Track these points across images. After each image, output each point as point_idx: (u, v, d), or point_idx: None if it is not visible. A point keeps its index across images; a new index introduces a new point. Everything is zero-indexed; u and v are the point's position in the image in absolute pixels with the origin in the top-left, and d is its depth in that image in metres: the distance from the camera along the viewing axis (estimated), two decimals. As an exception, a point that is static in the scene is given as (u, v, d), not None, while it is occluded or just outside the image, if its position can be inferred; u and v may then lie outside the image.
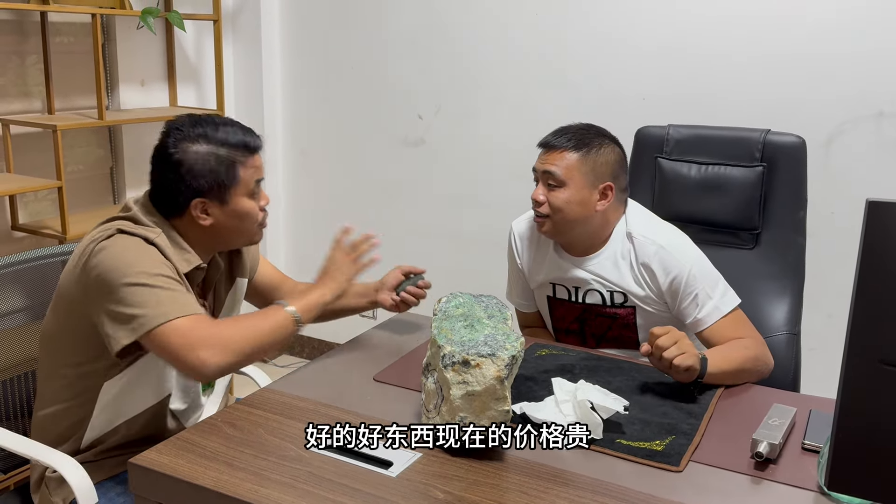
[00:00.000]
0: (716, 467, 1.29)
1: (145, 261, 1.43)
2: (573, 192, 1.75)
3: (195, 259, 1.54)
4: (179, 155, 1.50)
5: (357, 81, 3.27)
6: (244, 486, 1.19)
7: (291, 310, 1.53)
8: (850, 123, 2.47)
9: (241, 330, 1.46)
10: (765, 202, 2.01)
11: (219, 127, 1.53)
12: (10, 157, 2.59)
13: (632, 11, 2.71)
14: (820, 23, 2.46)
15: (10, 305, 1.71)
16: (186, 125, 1.52)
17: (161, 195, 1.55)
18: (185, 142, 1.51)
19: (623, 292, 1.82)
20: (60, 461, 1.48)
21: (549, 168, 1.77)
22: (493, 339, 1.30)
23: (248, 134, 1.57)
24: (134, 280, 1.40)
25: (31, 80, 2.70)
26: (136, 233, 1.47)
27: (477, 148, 3.07)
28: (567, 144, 1.77)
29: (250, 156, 1.56)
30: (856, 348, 0.96)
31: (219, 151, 1.52)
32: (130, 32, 2.96)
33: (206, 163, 1.50)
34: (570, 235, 1.82)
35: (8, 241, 2.69)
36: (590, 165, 1.76)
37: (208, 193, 1.52)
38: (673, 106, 2.66)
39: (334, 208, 3.46)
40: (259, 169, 1.59)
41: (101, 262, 1.43)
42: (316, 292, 1.61)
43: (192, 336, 1.39)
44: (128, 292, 1.40)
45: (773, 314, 1.98)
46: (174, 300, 1.41)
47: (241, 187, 1.55)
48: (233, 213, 1.55)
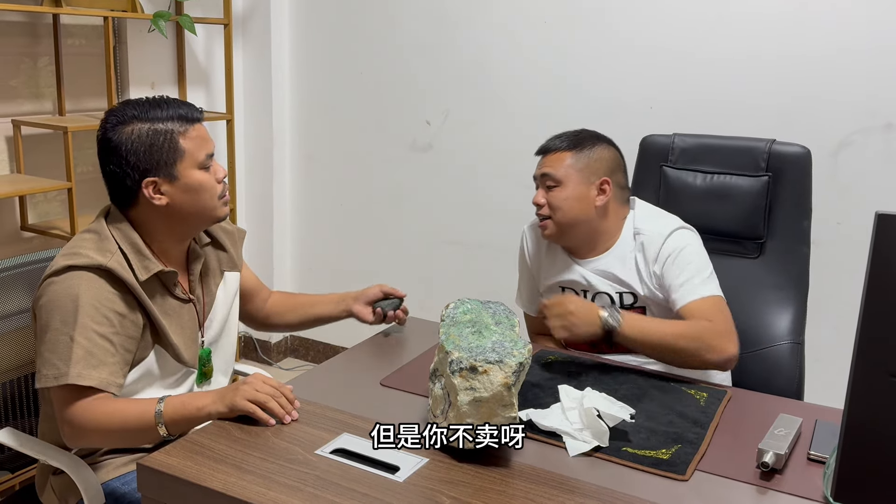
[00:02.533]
0: (722, 477, 1.29)
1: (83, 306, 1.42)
2: (571, 190, 1.80)
3: (154, 265, 1.52)
4: (117, 139, 1.49)
5: (365, 87, 3.28)
6: (252, 489, 1.20)
7: (159, 409, 1.41)
8: (859, 134, 2.48)
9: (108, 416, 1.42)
10: (770, 212, 2.01)
11: (151, 104, 1.52)
12: (20, 158, 2.61)
13: (640, 18, 2.72)
14: (829, 34, 2.46)
15: (18, 305, 1.72)
16: (119, 109, 1.52)
17: (113, 187, 1.54)
18: (120, 125, 1.50)
19: (632, 293, 1.83)
20: (68, 461, 1.49)
21: (545, 170, 1.83)
22: (501, 346, 1.31)
23: (182, 106, 1.54)
24: (63, 329, 1.42)
25: (42, 81, 2.72)
26: (88, 264, 1.45)
27: (484, 154, 3.08)
28: (561, 145, 1.84)
29: (189, 125, 1.53)
30: (864, 360, 0.97)
31: (155, 126, 1.49)
32: (142, 35, 2.98)
33: (144, 140, 1.49)
34: (574, 236, 1.85)
35: (17, 242, 2.70)
36: (584, 162, 1.82)
37: (155, 171, 1.50)
38: (681, 114, 2.67)
39: (341, 213, 3.47)
40: (205, 140, 1.55)
41: (45, 303, 1.45)
42: (200, 400, 1.42)
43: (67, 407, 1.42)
44: (52, 341, 1.43)
45: (778, 323, 1.98)
46: (86, 363, 1.41)
47: (188, 159, 1.52)
48: (185, 187, 1.52)
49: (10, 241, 2.68)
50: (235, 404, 1.38)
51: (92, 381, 1.41)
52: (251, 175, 3.51)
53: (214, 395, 1.42)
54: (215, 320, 1.69)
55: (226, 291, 1.73)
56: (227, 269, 1.73)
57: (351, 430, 1.38)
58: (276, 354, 3.67)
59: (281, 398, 1.41)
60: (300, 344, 3.71)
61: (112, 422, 1.42)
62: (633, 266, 1.83)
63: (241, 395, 1.39)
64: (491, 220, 3.09)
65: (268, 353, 3.66)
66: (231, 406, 1.39)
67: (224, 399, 1.40)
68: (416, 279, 3.25)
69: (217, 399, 1.41)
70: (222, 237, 1.73)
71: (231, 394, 1.40)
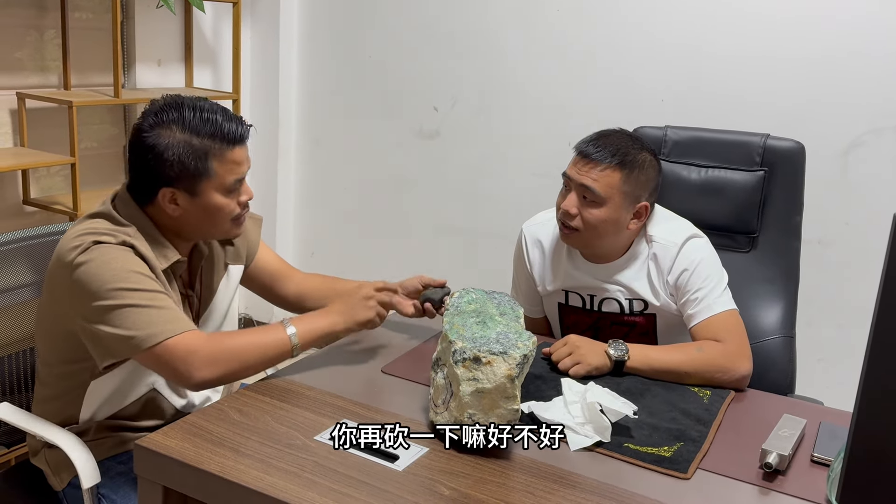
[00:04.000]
0: (724, 476, 1.28)
1: (125, 275, 1.38)
2: (610, 212, 1.69)
3: (173, 254, 1.49)
4: (152, 140, 1.42)
5: (374, 71, 3.25)
6: (250, 473, 1.19)
7: (292, 331, 1.47)
8: (870, 135, 2.45)
9: (236, 345, 1.43)
10: (763, 206, 2.01)
11: (197, 112, 1.43)
12: (24, 131, 2.59)
13: (654, 10, 2.68)
14: (841, 36, 2.43)
15: (18, 280, 1.71)
16: (164, 108, 1.44)
17: (135, 180, 1.49)
18: (160, 126, 1.43)
19: (643, 299, 1.79)
20: (64, 439, 1.47)
21: (588, 183, 1.68)
22: (506, 337, 1.29)
23: (229, 122, 1.45)
24: (119, 301, 1.36)
25: (48, 54, 2.69)
26: (111, 240, 1.41)
27: (492, 142, 3.06)
28: (611, 161, 1.67)
29: (228, 148, 1.45)
30: (876, 364, 0.95)
31: (192, 140, 1.42)
32: (150, 11, 2.95)
33: (176, 151, 1.42)
34: (595, 247, 1.78)
35: (19, 216, 2.69)
36: (631, 185, 1.69)
37: (177, 183, 1.44)
38: (690, 109, 2.64)
39: (346, 198, 3.45)
40: (239, 165, 1.47)
41: (82, 281, 1.38)
42: (325, 320, 1.52)
43: (183, 353, 1.37)
44: (115, 315, 1.36)
45: (769, 317, 1.99)
46: (163, 319, 1.38)
47: (215, 181, 1.45)
48: (202, 207, 1.47)
49: (12, 214, 2.67)
50: (360, 320, 1.55)
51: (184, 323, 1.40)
52: (255, 157, 3.44)
53: (338, 313, 1.53)
54: (214, 314, 1.66)
55: (228, 285, 1.69)
56: (231, 263, 1.70)
57: (351, 417, 1.37)
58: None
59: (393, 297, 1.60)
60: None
61: (248, 352, 1.43)
62: (644, 275, 1.78)
63: (361, 320, 1.55)
64: (497, 210, 3.07)
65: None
66: (358, 323, 1.55)
67: (354, 317, 1.54)
68: (421, 267, 3.22)
69: (346, 317, 1.53)
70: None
71: (353, 311, 1.54)
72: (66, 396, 1.53)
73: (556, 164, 2.89)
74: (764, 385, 1.71)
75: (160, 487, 1.26)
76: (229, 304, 1.71)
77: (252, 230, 1.76)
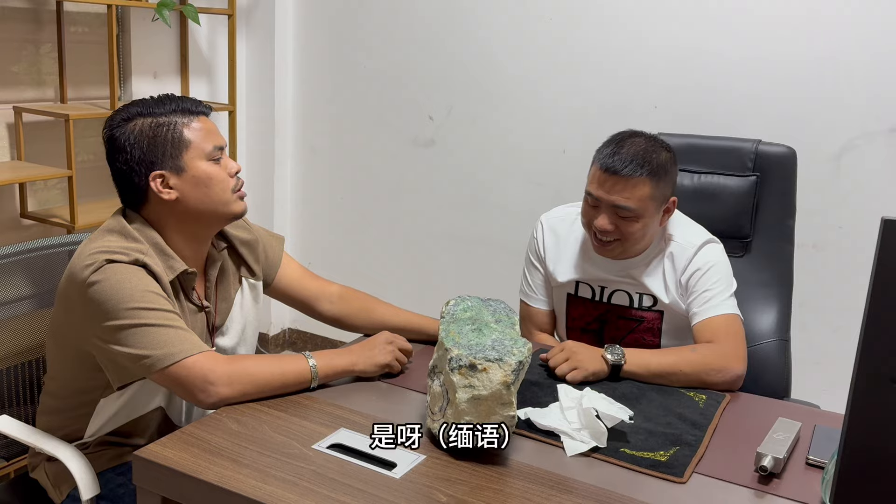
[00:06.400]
0: (720, 480, 1.29)
1: (140, 294, 1.39)
2: (647, 220, 1.73)
3: (179, 265, 1.50)
4: (122, 136, 1.48)
5: (369, 80, 3.27)
6: (248, 483, 1.19)
7: (313, 363, 1.50)
8: (862, 139, 2.47)
9: (256, 369, 1.45)
10: (756, 211, 2.03)
11: (155, 101, 1.51)
12: (21, 145, 2.60)
13: (648, 15, 2.70)
14: (835, 38, 2.45)
15: (16, 293, 1.71)
16: (123, 108, 1.51)
17: (123, 187, 1.52)
18: (125, 123, 1.49)
19: (653, 295, 1.82)
20: (64, 451, 1.48)
21: (621, 203, 1.69)
22: (501, 344, 1.30)
23: (186, 101, 1.53)
24: (134, 320, 1.37)
25: (44, 68, 2.71)
26: (124, 259, 1.42)
27: (487, 151, 3.07)
28: (639, 173, 1.67)
29: (193, 117, 1.51)
30: (866, 366, 0.96)
31: (158, 119, 1.49)
32: (145, 24, 2.97)
33: (147, 133, 1.48)
34: (632, 252, 1.81)
35: (16, 229, 2.70)
36: (661, 189, 1.72)
37: (161, 163, 1.48)
38: (683, 114, 2.66)
39: (343, 207, 3.46)
40: (211, 132, 1.52)
41: (95, 300, 1.39)
42: (345, 358, 1.56)
43: (200, 372, 1.38)
44: (130, 334, 1.38)
45: (764, 321, 2.00)
46: (179, 339, 1.39)
47: (194, 150, 1.49)
48: (194, 179, 1.49)
49: (10, 228, 2.68)
50: (379, 363, 1.58)
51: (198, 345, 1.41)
52: (253, 167, 3.50)
53: (359, 354, 1.57)
54: (232, 328, 1.66)
55: (243, 298, 1.69)
56: (246, 277, 1.70)
57: (348, 426, 1.37)
58: (273, 347, 3.67)
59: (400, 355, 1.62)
60: (298, 337, 3.70)
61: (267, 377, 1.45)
62: (659, 272, 1.81)
63: (380, 363, 1.58)
64: (493, 217, 3.08)
65: (265, 346, 3.66)
66: (377, 365, 1.58)
67: (372, 359, 1.57)
68: (417, 275, 3.25)
69: (365, 359, 1.57)
70: (239, 247, 1.68)
71: (372, 353, 1.58)
72: (75, 412, 1.54)
73: (551, 171, 2.93)
74: (759, 389, 1.72)
75: (159, 498, 1.27)
76: (247, 318, 1.70)
77: (272, 248, 1.76)
